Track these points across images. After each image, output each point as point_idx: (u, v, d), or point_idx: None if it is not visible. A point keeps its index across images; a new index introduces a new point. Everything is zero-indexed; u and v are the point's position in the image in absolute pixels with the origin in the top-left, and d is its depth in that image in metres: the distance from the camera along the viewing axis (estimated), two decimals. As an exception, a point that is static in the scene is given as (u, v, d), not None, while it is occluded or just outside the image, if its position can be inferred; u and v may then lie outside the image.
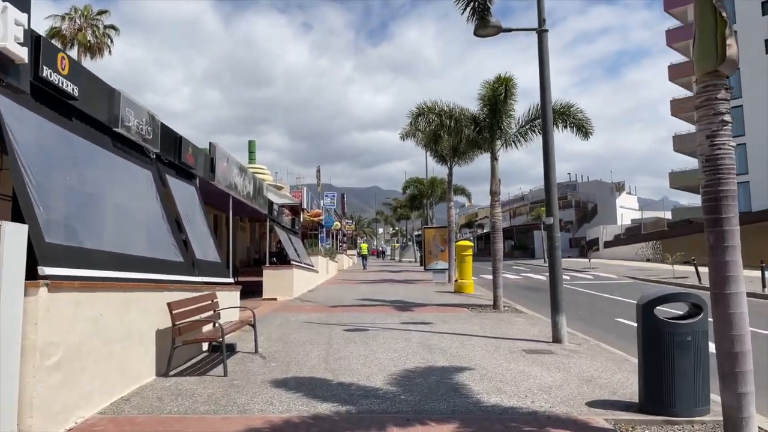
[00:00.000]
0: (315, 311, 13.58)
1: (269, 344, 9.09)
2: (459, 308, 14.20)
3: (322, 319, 12.01)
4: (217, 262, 10.16)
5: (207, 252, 9.93)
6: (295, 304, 15.38)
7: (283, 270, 17.09)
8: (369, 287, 21.56)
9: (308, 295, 18.06)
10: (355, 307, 14.55)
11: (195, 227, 9.71)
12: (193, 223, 9.67)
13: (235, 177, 13.06)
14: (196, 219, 9.92)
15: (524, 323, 11.52)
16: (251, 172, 14.82)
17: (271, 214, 17.28)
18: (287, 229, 19.99)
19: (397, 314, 12.92)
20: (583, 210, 63.78)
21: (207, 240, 10.16)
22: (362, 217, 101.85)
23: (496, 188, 14.17)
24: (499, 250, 14.15)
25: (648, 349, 5.42)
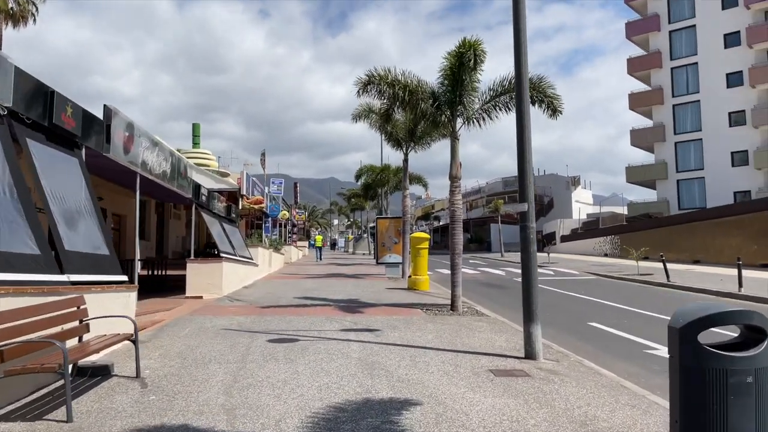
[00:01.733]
0: (242, 313, 11.46)
1: (163, 363, 6.97)
2: (412, 309, 12.32)
3: (246, 325, 9.92)
4: (102, 254, 7.94)
5: (87, 242, 7.71)
6: (222, 304, 13.21)
7: (210, 264, 14.87)
8: (314, 283, 19.50)
9: (242, 292, 15.88)
10: (291, 308, 12.49)
11: (70, 209, 7.47)
12: (68, 204, 7.44)
13: (145, 152, 10.79)
14: (73, 199, 7.67)
15: (488, 330, 9.71)
16: (170, 149, 12.54)
17: (198, 198, 15.00)
18: (220, 216, 17.73)
19: (340, 317, 10.94)
20: (540, 204, 63.01)
21: (90, 227, 7.93)
22: (316, 208, 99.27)
23: (457, 172, 12.33)
24: (459, 242, 12.33)
25: (688, 395, 3.58)
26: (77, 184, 7.93)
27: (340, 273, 24.83)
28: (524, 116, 7.66)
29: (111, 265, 8.02)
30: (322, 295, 15.24)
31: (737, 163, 41.65)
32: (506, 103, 12.53)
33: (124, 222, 20.36)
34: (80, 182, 8.04)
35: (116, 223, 19.89)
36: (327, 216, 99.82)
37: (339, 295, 15.30)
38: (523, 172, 7.63)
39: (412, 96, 12.26)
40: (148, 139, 10.93)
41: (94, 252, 7.77)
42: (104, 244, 8.07)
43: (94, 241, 7.92)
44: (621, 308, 13.33)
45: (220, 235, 16.70)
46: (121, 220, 20.18)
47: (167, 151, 12.28)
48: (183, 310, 11.68)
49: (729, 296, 15.24)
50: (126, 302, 8.00)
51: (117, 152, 9.30)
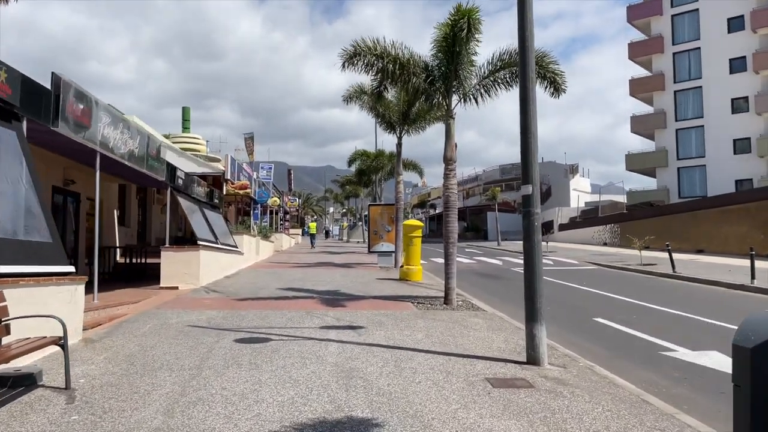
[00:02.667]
0: (216, 307, 10.46)
1: (105, 369, 5.95)
2: (402, 302, 11.34)
3: (216, 321, 8.92)
4: (41, 242, 6.89)
5: (22, 227, 6.66)
6: (197, 296, 12.19)
7: (187, 252, 13.83)
8: (301, 272, 18.50)
9: (222, 283, 14.87)
10: (271, 301, 11.49)
11: (1, 189, 6.43)
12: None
13: (106, 129, 9.71)
14: (6, 177, 6.62)
15: (484, 327, 8.74)
16: (137, 126, 11.46)
17: (174, 181, 13.93)
18: (201, 202, 16.66)
19: (322, 312, 9.95)
20: (538, 191, 62.08)
21: (28, 210, 6.88)
22: (311, 195, 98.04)
23: (452, 154, 11.30)
24: (453, 231, 11.33)
25: None
26: (13, 161, 6.87)
27: (330, 262, 23.84)
28: (528, 83, 6.62)
29: (53, 253, 6.98)
30: (307, 286, 14.24)
31: (739, 150, 40.66)
32: (506, 79, 11.50)
33: (102, 207, 19.27)
34: (18, 159, 6.98)
35: (92, 207, 18.81)
36: (322, 203, 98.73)
37: (325, 286, 14.30)
38: (527, 149, 6.60)
39: (403, 70, 11.19)
40: (109, 114, 9.86)
41: (30, 239, 6.73)
42: (46, 229, 7.02)
43: (32, 226, 6.87)
44: (627, 302, 12.38)
45: (200, 221, 15.65)
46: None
47: (134, 129, 11.20)
48: (151, 303, 10.67)
49: (741, 289, 14.31)
50: (71, 297, 6.98)
51: (69, 127, 8.22)
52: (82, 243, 17.59)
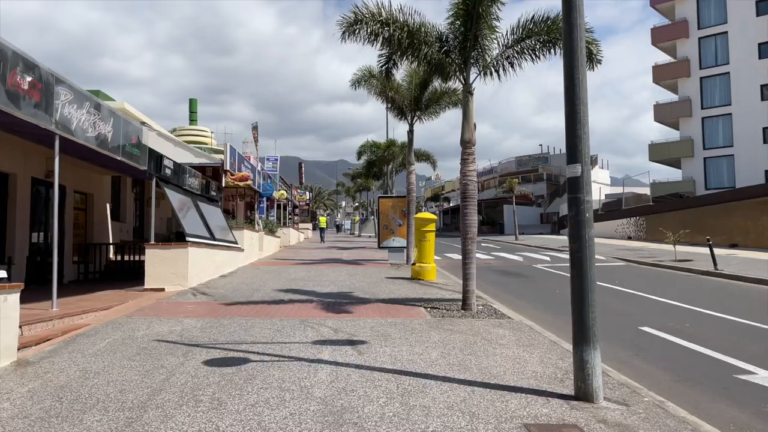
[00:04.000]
0: (196, 314, 9.03)
1: (19, 409, 4.51)
2: (413, 307, 9.85)
3: (191, 334, 7.48)
4: None
5: None
6: (181, 300, 10.78)
7: (173, 250, 12.41)
8: (304, 270, 17.05)
9: (215, 283, 13.46)
10: (263, 305, 10.05)
11: None
12: None
13: (66, 107, 8.29)
14: None
15: (512, 341, 7.22)
16: (110, 106, 10.03)
17: (160, 171, 12.51)
18: (194, 194, 15.24)
19: (319, 320, 8.49)
20: (555, 184, 60.17)
21: None
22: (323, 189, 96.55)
23: (471, 136, 9.76)
24: (472, 224, 9.82)
25: None
26: None
27: (337, 258, 22.38)
28: (576, 32, 5.06)
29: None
30: (308, 287, 12.78)
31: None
32: (534, 49, 9.93)
33: (92, 201, 17.97)
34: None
35: (81, 202, 17.51)
36: (334, 197, 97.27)
37: (328, 287, 12.84)
38: (574, 119, 5.05)
39: (413, 39, 9.64)
40: (71, 91, 8.42)
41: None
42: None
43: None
44: (673, 305, 10.77)
45: (192, 215, 14.25)
46: (87, 198, 17.80)
47: (108, 111, 9.77)
48: (124, 310, 9.27)
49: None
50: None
51: (4, 101, 6.79)
52: (69, 240, 16.27)
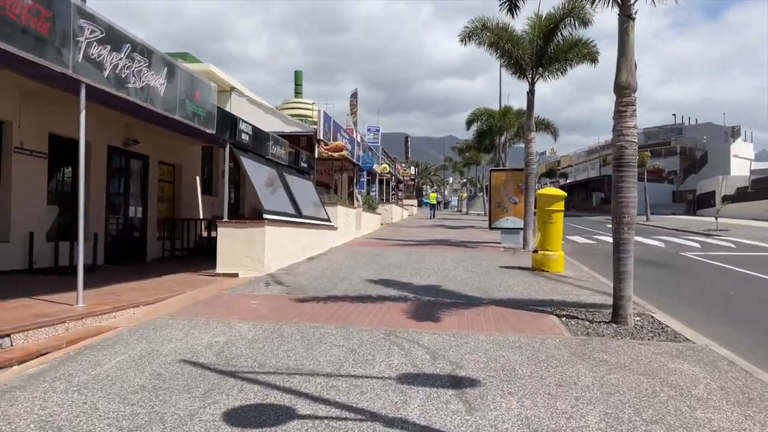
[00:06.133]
0: (257, 315, 7.04)
1: None
2: (542, 316, 7.28)
3: (234, 351, 5.43)
4: None
5: None
6: (251, 290, 8.91)
7: (248, 229, 10.59)
8: (403, 253, 14.82)
9: (299, 267, 11.57)
10: (345, 303, 7.90)
11: None
12: None
13: (93, 47, 6.46)
14: None
15: (716, 393, 4.48)
16: (163, 54, 8.17)
17: (235, 137, 10.67)
18: (280, 165, 13.40)
19: (411, 334, 6.17)
20: (690, 158, 53.62)
21: None
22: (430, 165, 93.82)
23: (630, 79, 6.92)
24: (629, 203, 7.02)
25: None
26: None
27: (442, 239, 19.96)
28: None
29: None
30: (405, 276, 10.52)
31: None
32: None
33: (179, 173, 16.82)
34: None
35: (167, 174, 16.38)
36: (440, 173, 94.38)
37: (428, 277, 10.50)
38: None
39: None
40: (100, 27, 6.59)
41: None
42: None
43: None
44: None
45: (274, 189, 12.43)
46: (175, 170, 16.66)
47: (159, 58, 7.93)
48: (172, 305, 7.47)
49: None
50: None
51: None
52: (153, 214, 15.13)
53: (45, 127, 10.91)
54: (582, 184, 65.27)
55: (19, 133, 10.47)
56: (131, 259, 13.59)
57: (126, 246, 13.88)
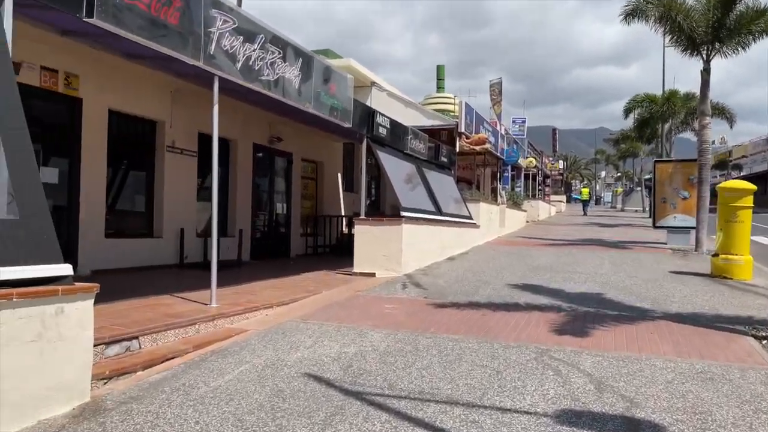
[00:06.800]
0: (391, 322, 6.45)
1: None
2: (733, 336, 5.90)
3: (364, 365, 4.85)
4: None
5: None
6: (387, 292, 8.38)
7: (385, 226, 10.10)
8: (553, 254, 13.55)
9: (438, 268, 10.89)
10: (486, 311, 7.06)
11: None
12: None
13: (225, 38, 6.25)
14: None
15: None
16: (298, 45, 7.86)
17: (372, 131, 10.24)
18: (418, 159, 12.81)
19: (568, 354, 5.18)
20: None
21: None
22: (578, 158, 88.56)
23: None
24: None
25: None
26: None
27: (596, 239, 18.19)
28: None
29: (21, 242, 3.58)
30: (555, 281, 9.40)
31: None
32: None
33: (322, 170, 16.94)
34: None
35: (310, 171, 16.56)
36: (591, 167, 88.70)
37: (584, 282, 9.29)
38: None
39: None
40: (231, 17, 6.37)
41: None
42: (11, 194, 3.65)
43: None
44: None
45: (413, 185, 11.86)
46: (317, 167, 16.81)
47: (292, 49, 7.64)
48: (306, 306, 7.13)
49: None
50: (41, 329, 3.52)
51: (107, 17, 4.82)
52: (296, 211, 15.32)
53: (194, 126, 11.27)
54: (760, 177, 57.63)
55: (171, 132, 10.91)
56: (275, 256, 13.81)
57: (271, 242, 14.14)
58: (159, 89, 10.40)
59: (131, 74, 9.51)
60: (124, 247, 9.94)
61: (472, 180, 21.20)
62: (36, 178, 3.84)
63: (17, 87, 3.89)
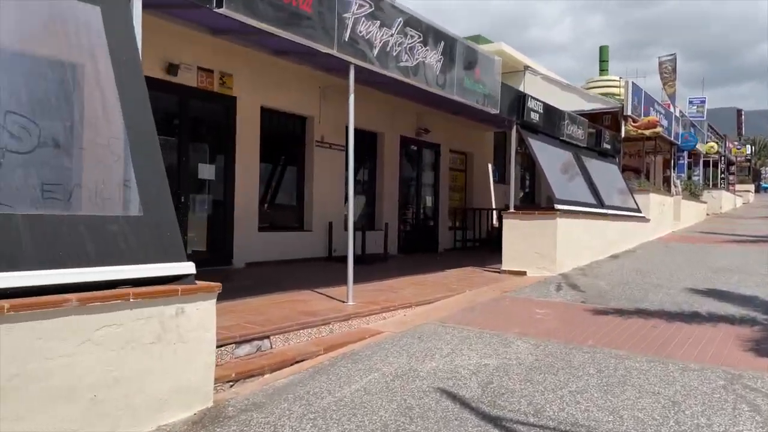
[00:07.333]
0: (541, 329, 5.71)
1: None
2: None
3: (505, 383, 4.24)
4: (126, 218, 3.48)
5: (94, 185, 3.39)
6: (537, 294, 7.59)
7: (537, 221, 9.22)
8: (739, 253, 11.62)
9: (598, 267, 9.78)
10: (658, 321, 6.02)
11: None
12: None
13: (361, 24, 5.94)
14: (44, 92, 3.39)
15: None
16: (438, 26, 7.34)
17: (522, 116, 9.40)
18: (576, 146, 11.62)
19: (761, 384, 4.13)
20: None
21: (93, 152, 3.56)
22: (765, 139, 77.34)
23: None
24: None
25: None
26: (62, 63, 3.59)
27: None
28: None
29: (142, 240, 3.50)
30: (746, 286, 7.91)
31: None
32: None
33: (471, 161, 16.32)
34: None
35: (459, 162, 16.01)
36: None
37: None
38: None
39: None
40: (370, 1, 6.02)
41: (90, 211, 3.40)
42: (134, 189, 3.59)
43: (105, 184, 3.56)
44: None
45: (570, 175, 10.80)
46: (466, 158, 16.21)
47: (432, 32, 7.14)
48: (446, 308, 6.63)
49: None
50: (161, 331, 3.39)
51: (238, 6, 4.66)
52: (444, 204, 14.91)
53: (342, 120, 11.23)
54: None
55: (320, 127, 10.99)
56: (423, 249, 13.50)
57: (418, 236, 13.86)
58: (308, 85, 10.49)
59: (281, 71, 9.67)
60: (275, 240, 10.19)
61: (640, 168, 19.20)
62: (162, 175, 3.75)
63: (146, 87, 3.84)
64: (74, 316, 2.99)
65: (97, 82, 3.65)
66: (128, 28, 3.90)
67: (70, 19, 3.59)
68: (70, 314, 2.97)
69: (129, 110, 3.68)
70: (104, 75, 3.68)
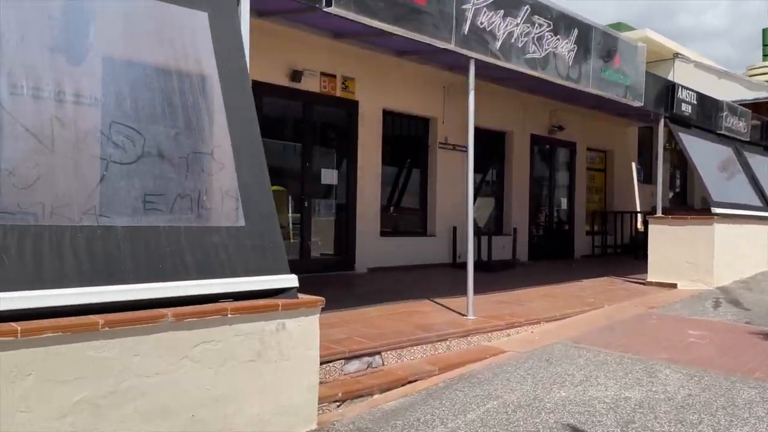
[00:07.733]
0: (695, 355, 4.88)
1: None
2: None
3: (657, 424, 3.56)
4: (219, 228, 3.34)
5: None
6: (691, 311, 6.62)
7: (690, 226, 8.08)
8: None
9: (764, 281, 8.44)
10: None
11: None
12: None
13: (482, 14, 5.48)
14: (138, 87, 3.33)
15: None
16: (567, 11, 6.63)
17: (672, 109, 8.33)
18: (737, 140, 10.14)
19: None
20: None
21: (193, 163, 3.44)
22: None
23: None
24: None
25: None
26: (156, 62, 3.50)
27: None
28: None
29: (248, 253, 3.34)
30: None
31: None
32: None
33: (611, 159, 15.07)
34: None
35: (600, 161, 14.86)
36: None
37: None
38: None
39: None
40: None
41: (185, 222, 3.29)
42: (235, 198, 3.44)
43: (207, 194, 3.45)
44: None
45: (729, 174, 9.45)
46: (606, 156, 15.00)
47: (562, 18, 6.47)
48: (582, 325, 5.94)
49: None
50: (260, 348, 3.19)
51: (348, 3, 4.42)
52: (581, 206, 13.92)
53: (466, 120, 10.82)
54: None
55: (443, 129, 10.63)
56: (557, 256, 12.62)
57: (551, 241, 13.02)
58: (431, 86, 10.18)
59: (403, 72, 9.45)
60: (397, 246, 9.97)
61: None
62: (266, 184, 3.59)
63: (252, 94, 3.72)
64: (171, 332, 2.89)
65: (202, 90, 3.57)
66: (235, 35, 3.80)
67: (176, 26, 3.54)
68: (167, 330, 2.87)
69: (234, 118, 3.57)
70: (210, 82, 3.60)
